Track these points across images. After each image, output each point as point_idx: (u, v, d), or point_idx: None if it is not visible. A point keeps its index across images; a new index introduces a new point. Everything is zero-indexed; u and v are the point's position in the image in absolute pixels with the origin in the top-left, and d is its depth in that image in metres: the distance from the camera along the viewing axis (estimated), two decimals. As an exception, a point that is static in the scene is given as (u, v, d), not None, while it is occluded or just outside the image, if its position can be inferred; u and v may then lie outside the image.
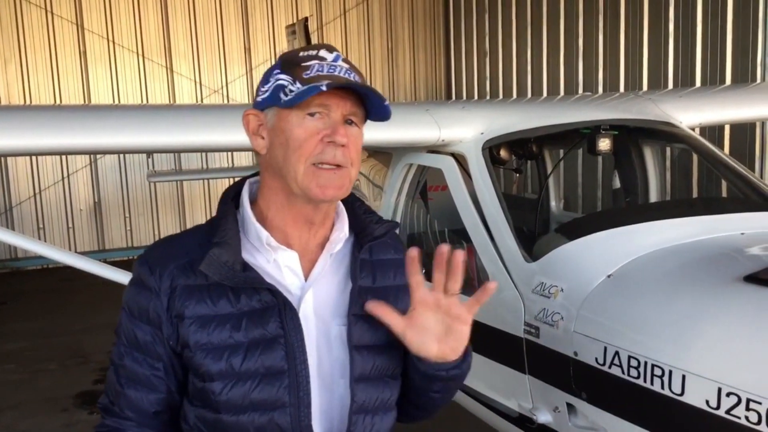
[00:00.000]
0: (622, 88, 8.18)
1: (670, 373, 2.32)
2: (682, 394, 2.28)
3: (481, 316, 1.79)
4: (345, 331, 1.50)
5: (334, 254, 1.54)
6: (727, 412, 2.14)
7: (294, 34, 8.74)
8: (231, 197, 1.56)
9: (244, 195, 1.56)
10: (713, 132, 6.78)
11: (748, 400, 2.09)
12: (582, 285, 2.78)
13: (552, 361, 2.83)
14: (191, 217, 10.94)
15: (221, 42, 11.12)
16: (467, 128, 3.66)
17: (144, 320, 1.49)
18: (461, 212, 3.49)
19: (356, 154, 1.48)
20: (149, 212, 10.95)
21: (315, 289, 1.50)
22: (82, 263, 3.75)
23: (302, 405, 1.45)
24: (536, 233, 4.01)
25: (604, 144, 3.71)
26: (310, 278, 1.51)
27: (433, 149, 3.78)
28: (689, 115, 4.12)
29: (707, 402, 2.20)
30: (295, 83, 1.44)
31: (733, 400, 2.13)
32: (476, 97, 11.20)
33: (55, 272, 9.67)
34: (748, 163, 6.55)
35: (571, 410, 2.78)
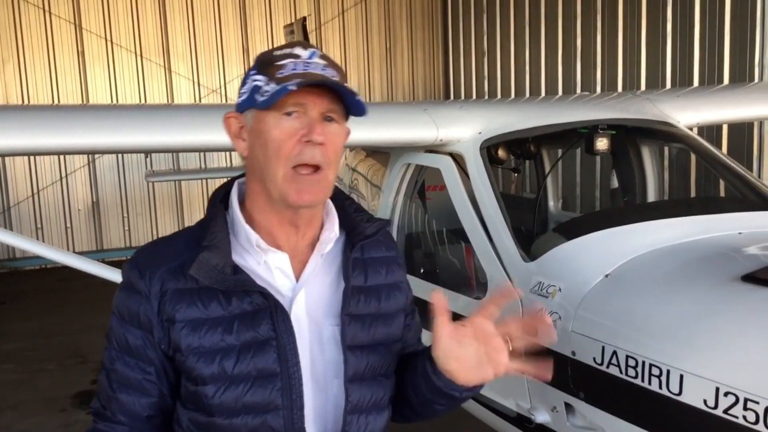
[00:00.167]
0: (620, 88, 8.18)
1: (668, 372, 2.31)
2: (679, 394, 2.28)
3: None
4: (338, 331, 1.49)
5: (325, 254, 1.53)
6: (725, 411, 2.14)
7: (292, 34, 8.72)
8: (220, 198, 1.55)
9: (233, 196, 1.53)
10: (711, 132, 6.78)
11: (746, 400, 2.09)
12: (580, 285, 2.78)
13: (550, 361, 2.82)
14: (189, 216, 10.91)
15: (219, 42, 11.11)
16: (465, 128, 3.66)
17: (135, 324, 1.48)
18: (459, 212, 3.49)
19: (334, 153, 1.45)
20: (147, 212, 10.93)
21: (307, 290, 1.49)
22: (81, 263, 3.76)
23: (295, 407, 1.44)
24: (534, 233, 4.01)
25: (602, 144, 3.71)
26: (301, 279, 1.50)
27: (431, 149, 3.77)
28: (687, 114, 4.12)
29: (705, 401, 2.20)
30: (269, 83, 1.41)
31: (731, 399, 2.12)
32: (474, 97, 11.19)
33: (53, 272, 9.65)
34: (746, 162, 6.54)
35: (569, 410, 2.78)
